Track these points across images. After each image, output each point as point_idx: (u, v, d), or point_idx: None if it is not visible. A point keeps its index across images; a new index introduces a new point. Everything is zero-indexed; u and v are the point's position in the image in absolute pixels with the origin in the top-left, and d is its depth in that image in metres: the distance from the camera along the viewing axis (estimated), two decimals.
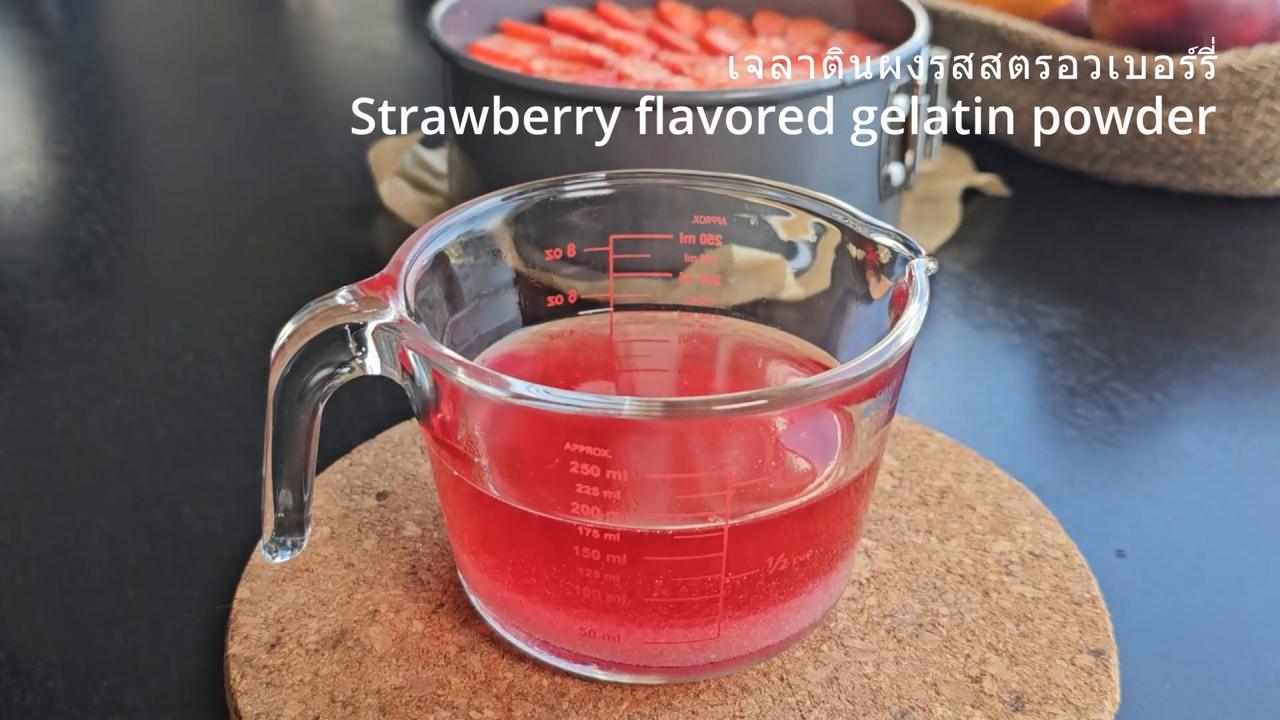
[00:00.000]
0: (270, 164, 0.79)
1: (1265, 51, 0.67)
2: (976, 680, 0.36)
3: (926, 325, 0.35)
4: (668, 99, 0.56)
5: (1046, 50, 0.72)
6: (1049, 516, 0.43)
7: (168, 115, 0.89)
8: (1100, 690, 0.36)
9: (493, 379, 0.31)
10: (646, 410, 0.30)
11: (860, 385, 0.32)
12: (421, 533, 0.42)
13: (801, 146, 0.58)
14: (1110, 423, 0.52)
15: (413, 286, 0.35)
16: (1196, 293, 0.62)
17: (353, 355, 0.32)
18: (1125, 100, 0.70)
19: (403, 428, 0.47)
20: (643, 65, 0.65)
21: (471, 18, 0.69)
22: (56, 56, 0.99)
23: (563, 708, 0.35)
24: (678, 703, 0.35)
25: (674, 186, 0.40)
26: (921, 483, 0.44)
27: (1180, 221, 0.70)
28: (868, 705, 0.35)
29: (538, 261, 0.40)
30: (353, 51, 1.02)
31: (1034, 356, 0.57)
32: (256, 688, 0.36)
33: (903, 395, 0.48)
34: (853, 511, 0.35)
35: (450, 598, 0.39)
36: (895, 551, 0.41)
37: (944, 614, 0.38)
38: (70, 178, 0.76)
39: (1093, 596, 0.39)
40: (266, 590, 0.39)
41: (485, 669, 0.36)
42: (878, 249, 0.37)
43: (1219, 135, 0.69)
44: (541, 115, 0.57)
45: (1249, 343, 0.58)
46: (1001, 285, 0.63)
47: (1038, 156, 0.76)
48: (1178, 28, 0.68)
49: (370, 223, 0.70)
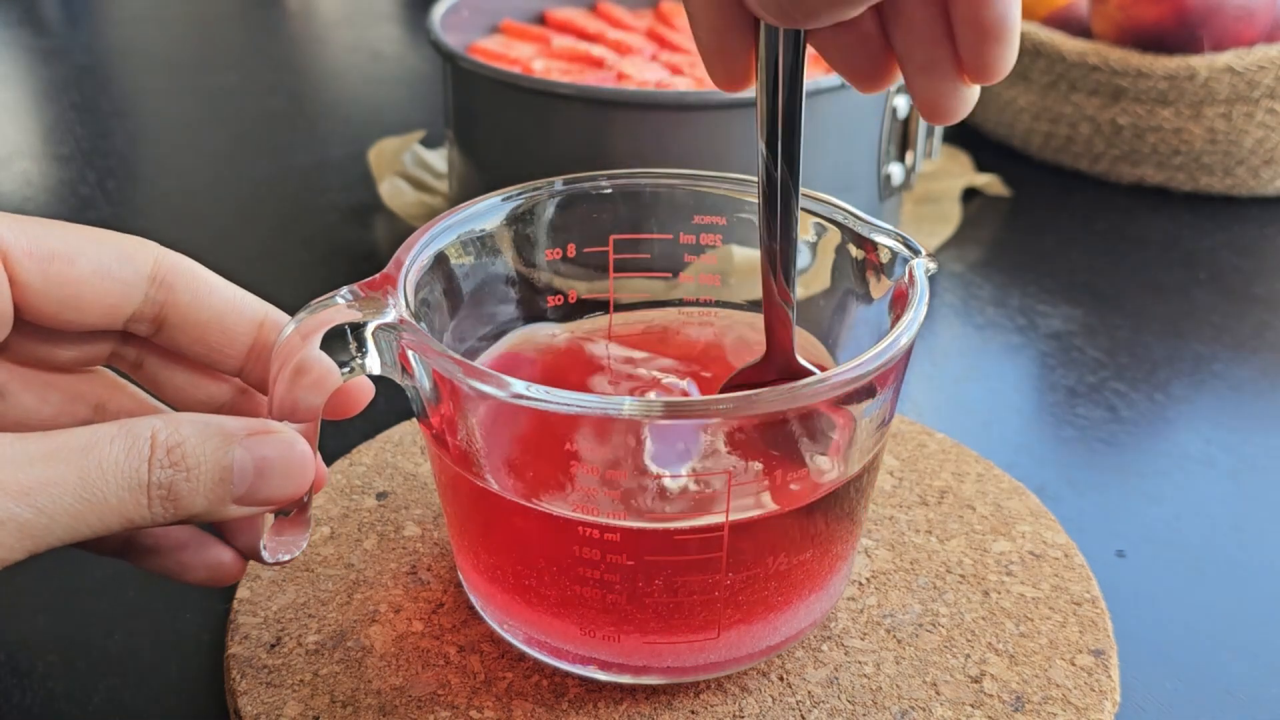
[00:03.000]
0: (270, 164, 0.79)
1: (1265, 51, 0.67)
2: (976, 680, 0.36)
3: (926, 325, 0.35)
4: (668, 99, 0.56)
5: (1046, 50, 0.72)
6: (1049, 516, 0.43)
7: (168, 115, 0.89)
8: (1100, 690, 0.36)
9: (493, 379, 0.31)
10: (646, 410, 0.30)
11: (860, 385, 0.32)
12: (421, 533, 0.42)
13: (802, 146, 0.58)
14: (1110, 423, 0.52)
15: (413, 286, 0.35)
16: (1196, 293, 0.62)
17: (353, 355, 0.32)
18: (1125, 100, 0.70)
19: (403, 428, 0.47)
20: (643, 65, 0.65)
21: (471, 18, 0.69)
22: (56, 56, 0.99)
23: (562, 708, 0.35)
24: (678, 703, 0.35)
25: (674, 186, 0.40)
26: (921, 483, 0.44)
27: (1180, 221, 0.70)
28: (868, 705, 0.35)
29: (538, 261, 0.40)
30: (353, 51, 1.02)
31: (1034, 356, 0.57)
32: (256, 688, 0.36)
33: (903, 395, 0.48)
34: (853, 511, 0.35)
35: (450, 598, 0.39)
36: (895, 551, 0.41)
37: (944, 614, 0.38)
38: (70, 178, 0.76)
39: (1093, 596, 0.39)
40: (266, 590, 0.39)
41: (485, 669, 0.36)
42: (878, 249, 0.37)
43: (1219, 135, 0.69)
44: (541, 115, 0.57)
45: (1249, 343, 0.58)
46: (1001, 285, 0.63)
47: (1038, 156, 0.76)
48: (1178, 28, 0.68)
49: (370, 223, 0.70)
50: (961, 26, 0.29)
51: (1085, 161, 0.74)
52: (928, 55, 0.30)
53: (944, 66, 0.30)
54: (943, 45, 0.29)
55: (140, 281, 0.33)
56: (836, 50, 0.31)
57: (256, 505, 0.31)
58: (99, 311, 0.32)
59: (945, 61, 0.30)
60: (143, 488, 0.29)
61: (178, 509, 0.29)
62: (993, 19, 0.28)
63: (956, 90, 0.30)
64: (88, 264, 0.32)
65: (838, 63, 0.31)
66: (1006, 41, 0.29)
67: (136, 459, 0.29)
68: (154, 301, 0.33)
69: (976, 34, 0.29)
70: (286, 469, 0.31)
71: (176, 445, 0.29)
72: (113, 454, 0.28)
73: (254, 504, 0.31)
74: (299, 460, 0.31)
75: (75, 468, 0.28)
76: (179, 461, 0.29)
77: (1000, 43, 0.29)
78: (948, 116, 0.31)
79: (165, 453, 0.29)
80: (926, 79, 0.30)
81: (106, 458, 0.28)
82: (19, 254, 0.31)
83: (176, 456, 0.29)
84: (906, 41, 0.30)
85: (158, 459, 0.29)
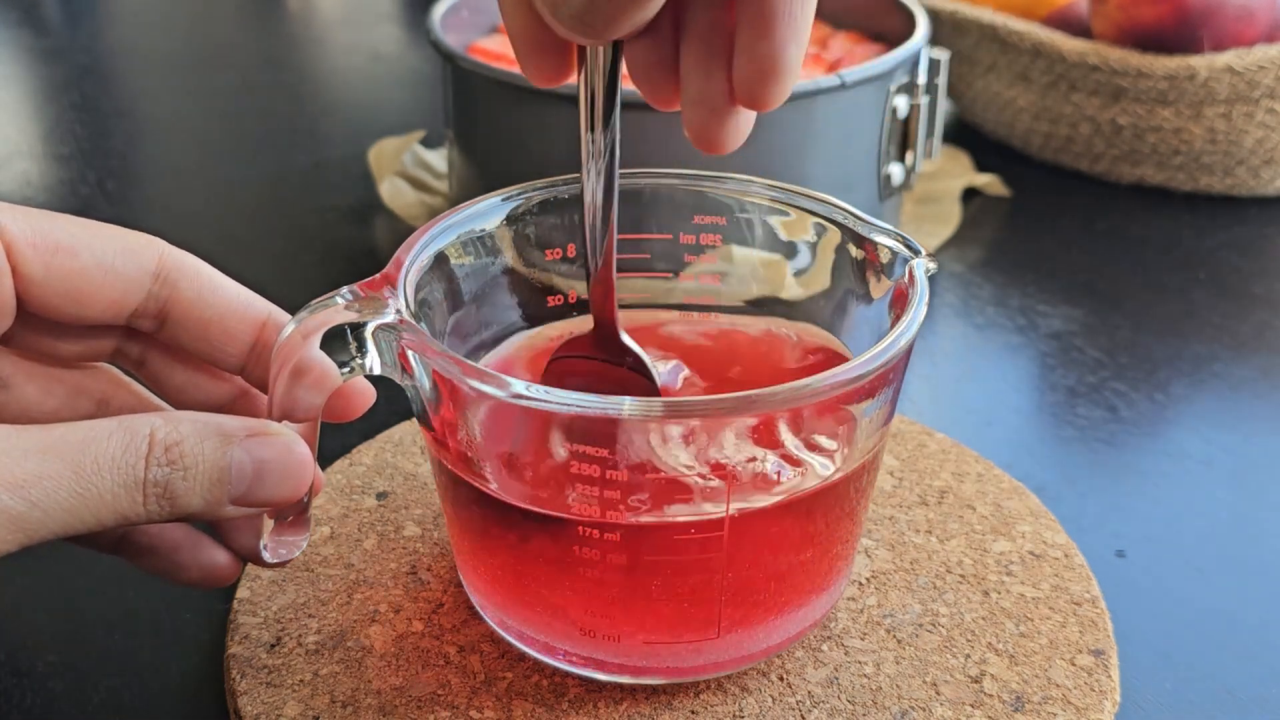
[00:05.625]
0: (270, 164, 0.79)
1: (1265, 51, 0.67)
2: (976, 680, 0.36)
3: (926, 325, 0.35)
4: None
5: (1046, 50, 0.72)
6: (1049, 516, 0.43)
7: (168, 115, 0.89)
8: (1100, 690, 0.36)
9: (493, 379, 0.31)
10: (646, 410, 0.30)
11: (860, 385, 0.32)
12: (421, 533, 0.42)
13: (801, 146, 0.58)
14: (1110, 423, 0.52)
15: (412, 286, 0.35)
16: (1196, 293, 0.62)
17: (352, 355, 0.32)
18: (1125, 100, 0.70)
19: (403, 428, 0.47)
20: None
21: (471, 18, 0.69)
22: (56, 56, 0.99)
23: (562, 708, 0.35)
24: (678, 703, 0.35)
25: (674, 186, 0.40)
26: (921, 483, 0.44)
27: (1180, 221, 0.70)
28: (868, 705, 0.35)
29: (538, 261, 0.40)
30: (353, 51, 1.02)
31: (1034, 356, 0.57)
32: (256, 688, 0.36)
33: (903, 395, 0.48)
34: (853, 511, 0.35)
35: (450, 598, 0.39)
36: (895, 551, 0.41)
37: (944, 614, 0.38)
38: (70, 178, 0.76)
39: (1093, 596, 0.39)
40: (266, 590, 0.39)
41: (485, 669, 0.36)
42: (878, 249, 0.37)
43: (1219, 135, 0.69)
44: (542, 115, 0.57)
45: (1249, 343, 0.58)
46: (1001, 285, 0.63)
47: (1038, 156, 0.76)
48: (1178, 28, 0.68)
49: (370, 223, 0.70)
50: (739, 58, 0.29)
51: (1085, 161, 0.74)
52: (702, 86, 0.30)
53: (716, 99, 0.30)
54: (717, 78, 0.30)
55: (144, 277, 0.33)
56: (636, 64, 0.31)
57: (254, 506, 0.31)
58: (102, 305, 0.32)
59: (718, 95, 0.30)
60: (138, 485, 0.29)
61: (174, 507, 0.29)
62: (769, 55, 0.29)
63: (724, 123, 0.31)
64: (91, 258, 0.32)
65: (637, 77, 0.32)
66: (779, 79, 0.29)
67: (133, 456, 0.29)
68: (157, 298, 0.33)
69: (752, 69, 0.29)
70: (285, 471, 0.31)
71: (175, 444, 0.29)
72: (109, 450, 0.28)
73: (251, 505, 0.31)
74: (297, 462, 0.31)
75: (71, 462, 0.28)
76: (177, 460, 0.29)
77: (774, 80, 0.29)
78: (717, 148, 0.31)
79: (163, 451, 0.29)
80: (696, 109, 0.31)
81: (103, 453, 0.28)
82: (23, 245, 0.31)
83: (174, 455, 0.29)
84: (686, 66, 0.30)
85: (155, 457, 0.29)
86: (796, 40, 0.29)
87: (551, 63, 0.31)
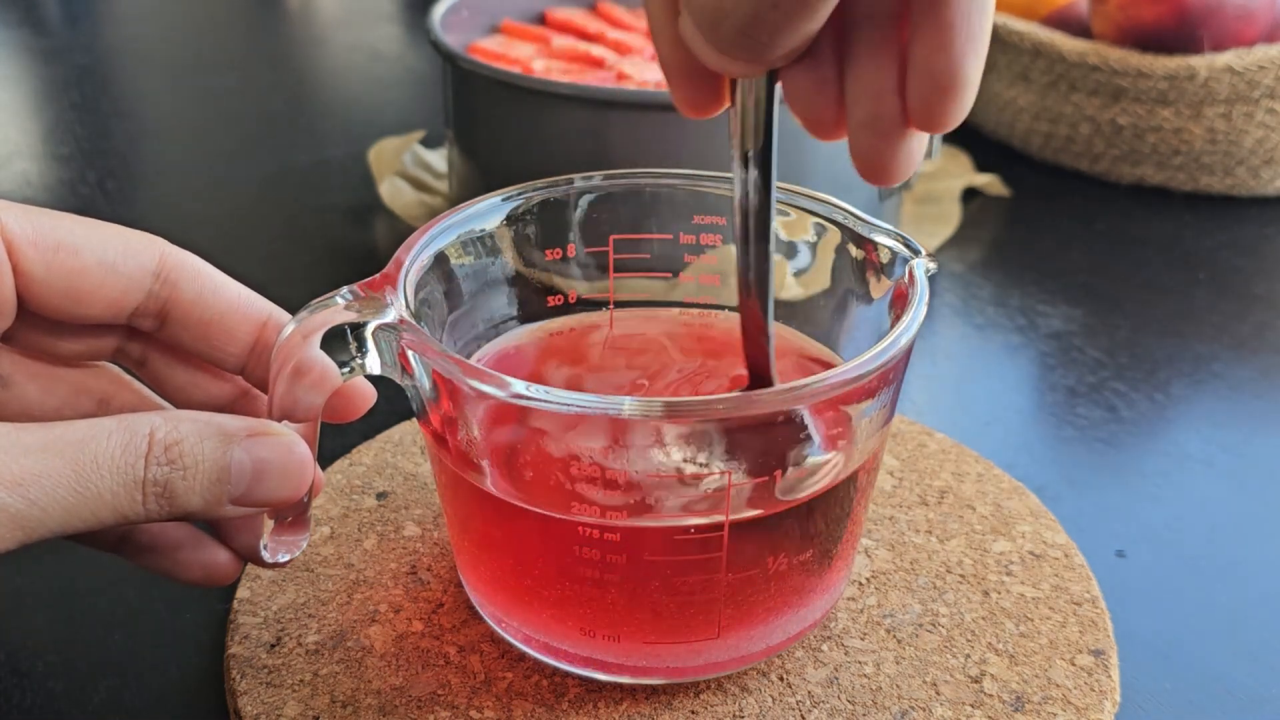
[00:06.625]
0: (270, 164, 0.79)
1: (1265, 51, 0.67)
2: (976, 680, 0.36)
3: (926, 325, 0.35)
4: (668, 99, 0.56)
5: (1046, 50, 0.72)
6: (1049, 516, 0.43)
7: (168, 115, 0.89)
8: (1100, 690, 0.36)
9: (492, 379, 0.31)
10: (646, 410, 0.30)
11: (860, 385, 0.32)
12: (421, 533, 0.42)
13: (801, 146, 0.58)
14: (1110, 423, 0.52)
15: (412, 286, 0.35)
16: (1196, 293, 0.62)
17: (352, 355, 0.32)
18: (1125, 100, 0.70)
19: (403, 428, 0.47)
20: (643, 65, 0.65)
21: (471, 18, 0.69)
22: (56, 56, 0.99)
23: (562, 708, 0.35)
24: (678, 703, 0.35)
25: (674, 186, 0.40)
26: (921, 483, 0.44)
27: (1180, 221, 0.70)
28: (868, 705, 0.35)
29: (538, 261, 0.40)
30: (353, 51, 1.02)
31: (1034, 356, 0.57)
32: (256, 688, 0.36)
33: (903, 395, 0.48)
34: (853, 511, 0.35)
35: (450, 598, 0.39)
36: (895, 551, 0.41)
37: (944, 614, 0.38)
38: (70, 178, 0.76)
39: (1093, 596, 0.39)
40: (266, 590, 0.39)
41: (485, 669, 0.36)
42: (878, 249, 0.37)
43: (1219, 135, 0.69)
44: (541, 115, 0.57)
45: (1249, 343, 0.58)
46: (1001, 285, 0.63)
47: (1038, 156, 0.76)
48: (1178, 28, 0.68)
49: (370, 223, 0.70)
50: (914, 75, 0.28)
51: (1085, 161, 0.74)
52: (871, 109, 0.29)
53: (887, 123, 0.29)
54: (888, 100, 0.28)
55: (144, 276, 0.33)
56: (796, 92, 0.30)
57: (254, 506, 0.31)
58: (102, 304, 0.32)
59: (890, 119, 0.29)
60: (138, 484, 0.29)
61: (173, 506, 0.29)
62: (947, 70, 0.27)
63: (896, 149, 0.29)
64: (92, 256, 0.32)
65: (797, 106, 0.30)
66: (959, 96, 0.28)
67: (133, 455, 0.29)
68: (158, 297, 0.33)
69: (929, 85, 0.27)
70: (285, 471, 0.31)
71: (175, 443, 0.29)
72: (109, 449, 0.28)
73: (251, 505, 0.31)
74: (297, 463, 0.31)
75: (70, 460, 0.28)
76: (176, 459, 0.29)
77: (952, 97, 0.27)
78: (887, 177, 0.29)
79: (163, 450, 0.29)
80: (865, 135, 0.29)
81: (103, 452, 0.28)
82: (23, 243, 0.31)
83: (174, 454, 0.29)
84: (854, 89, 0.29)
85: (155, 456, 0.29)
86: (976, 53, 0.27)
87: (704, 91, 0.30)
